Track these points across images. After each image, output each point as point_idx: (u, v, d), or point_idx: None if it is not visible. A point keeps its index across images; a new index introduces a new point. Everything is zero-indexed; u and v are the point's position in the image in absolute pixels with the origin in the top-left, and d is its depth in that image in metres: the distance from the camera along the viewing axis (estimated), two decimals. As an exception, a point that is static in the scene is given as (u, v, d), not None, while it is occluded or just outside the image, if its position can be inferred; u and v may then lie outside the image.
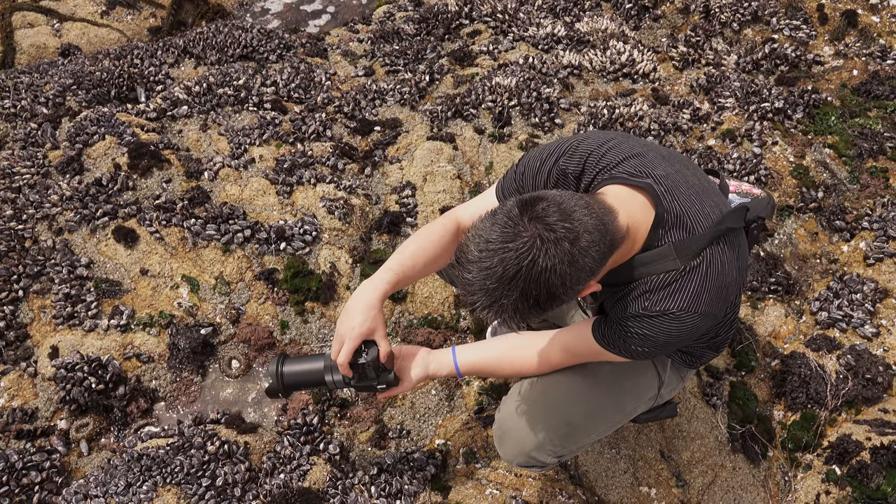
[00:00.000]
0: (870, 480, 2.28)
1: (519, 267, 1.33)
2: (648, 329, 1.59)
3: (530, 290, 1.35)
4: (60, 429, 2.45)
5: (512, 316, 1.39)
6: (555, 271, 1.33)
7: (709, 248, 1.57)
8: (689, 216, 1.59)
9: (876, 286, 2.87)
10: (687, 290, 1.55)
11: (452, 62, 4.02)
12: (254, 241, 2.89)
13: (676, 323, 1.56)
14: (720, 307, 1.61)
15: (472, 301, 1.41)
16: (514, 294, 1.35)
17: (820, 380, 2.61)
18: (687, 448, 2.52)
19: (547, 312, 1.43)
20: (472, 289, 1.39)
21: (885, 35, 4.10)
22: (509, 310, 1.38)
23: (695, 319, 1.56)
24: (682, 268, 1.55)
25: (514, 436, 1.91)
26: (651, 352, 1.66)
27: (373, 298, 1.78)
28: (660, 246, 1.57)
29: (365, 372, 1.81)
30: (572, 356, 1.86)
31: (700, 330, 1.62)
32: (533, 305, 1.37)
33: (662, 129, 3.52)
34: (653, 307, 1.56)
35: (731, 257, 1.62)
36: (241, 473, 2.27)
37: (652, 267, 1.57)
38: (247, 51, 3.95)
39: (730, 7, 4.21)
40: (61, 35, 4.70)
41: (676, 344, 1.65)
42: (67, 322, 2.64)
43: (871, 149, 3.44)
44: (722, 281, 1.59)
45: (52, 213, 2.87)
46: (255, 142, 3.30)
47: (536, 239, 1.33)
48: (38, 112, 3.38)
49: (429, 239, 1.91)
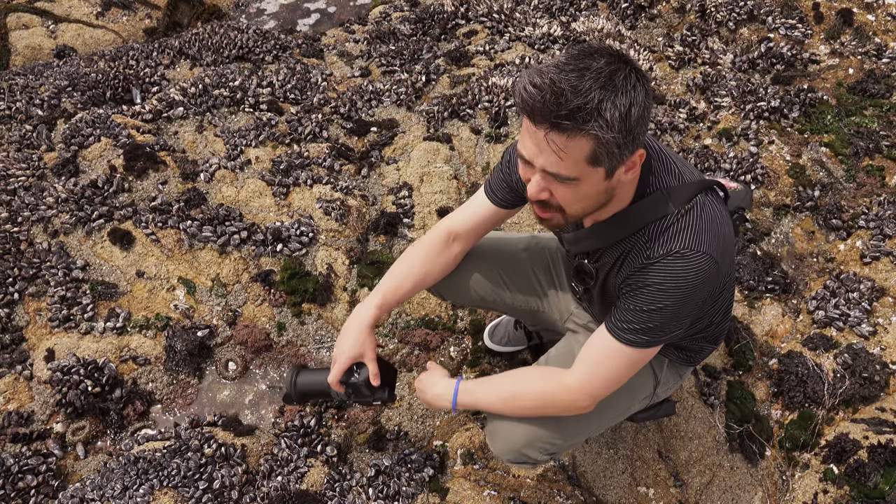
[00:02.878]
0: (867, 479, 2.28)
1: (618, 66, 1.36)
2: (656, 276, 1.55)
3: (623, 94, 1.35)
4: (56, 432, 2.44)
5: (598, 120, 1.34)
6: (643, 87, 1.38)
7: (700, 195, 1.59)
8: (677, 165, 1.63)
9: (872, 285, 2.87)
10: (686, 231, 1.55)
11: (449, 62, 4.02)
12: (250, 242, 2.89)
13: (682, 262, 1.53)
14: (720, 253, 1.57)
15: (556, 98, 1.33)
16: (608, 94, 1.34)
17: (817, 379, 2.61)
18: (685, 448, 2.52)
19: (621, 140, 1.38)
20: (562, 86, 1.33)
21: (881, 34, 4.10)
22: (602, 110, 1.33)
23: (700, 259, 1.53)
24: (676, 211, 1.56)
25: (504, 432, 1.90)
26: (668, 311, 1.58)
27: (363, 324, 1.91)
28: (652, 193, 1.59)
29: (359, 390, 1.94)
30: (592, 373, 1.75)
31: (708, 277, 1.56)
32: (620, 114, 1.34)
33: (659, 129, 3.52)
34: (655, 253, 1.55)
35: (721, 211, 1.63)
36: (239, 476, 2.27)
37: (648, 214, 1.58)
38: (243, 52, 3.95)
39: (726, 6, 4.22)
40: (56, 36, 4.69)
41: (689, 296, 1.57)
42: (63, 325, 2.63)
43: (867, 147, 3.45)
44: (717, 227, 1.58)
45: (48, 215, 2.86)
46: (252, 143, 3.30)
47: (623, 58, 1.39)
48: (34, 114, 3.37)
49: (417, 256, 2.00)
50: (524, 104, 1.38)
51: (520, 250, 2.19)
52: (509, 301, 2.21)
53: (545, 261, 2.19)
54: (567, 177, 1.44)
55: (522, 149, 1.48)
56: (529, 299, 2.21)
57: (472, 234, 2.04)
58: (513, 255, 2.18)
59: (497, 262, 2.17)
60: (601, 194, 1.52)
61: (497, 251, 2.17)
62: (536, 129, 1.39)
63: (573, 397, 1.74)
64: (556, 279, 2.19)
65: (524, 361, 2.72)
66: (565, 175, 1.43)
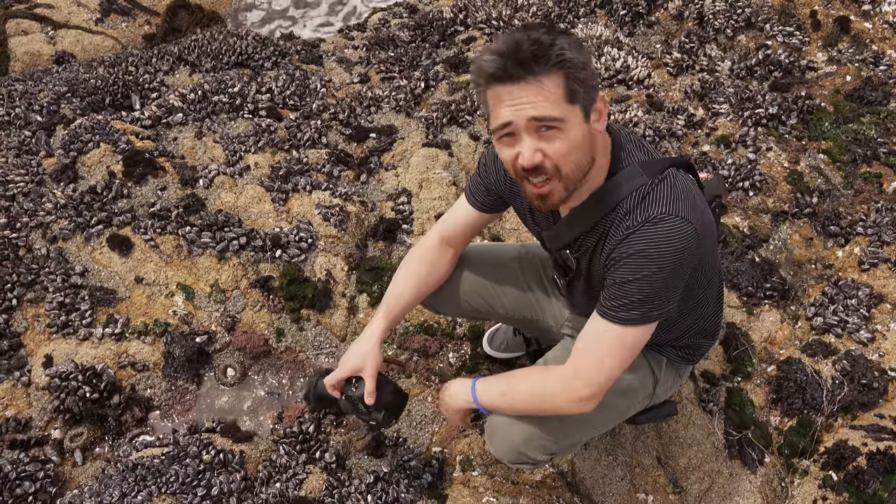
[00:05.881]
0: (866, 486, 2.28)
1: (550, 26, 1.52)
2: (638, 244, 1.56)
3: (567, 35, 1.49)
4: (54, 438, 2.43)
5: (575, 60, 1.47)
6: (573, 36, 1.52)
7: (671, 168, 1.64)
8: (646, 146, 1.69)
9: (871, 291, 2.88)
10: (662, 198, 1.58)
11: (448, 69, 4.03)
12: (249, 248, 2.89)
13: (661, 226, 1.55)
14: (699, 221, 1.59)
15: (535, 45, 1.45)
16: (572, 44, 1.48)
17: (816, 385, 2.61)
18: (684, 454, 2.52)
19: (591, 81, 1.52)
20: (536, 36, 1.47)
21: (878, 41, 4.12)
22: (574, 54, 1.46)
23: (680, 224, 1.55)
24: (650, 181, 1.60)
25: (503, 431, 1.90)
26: (655, 279, 1.57)
27: (370, 338, 1.96)
28: (624, 168, 1.63)
29: (356, 405, 1.95)
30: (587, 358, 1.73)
31: (690, 242, 1.56)
32: (585, 60, 1.49)
33: (657, 135, 3.53)
34: (635, 221, 1.57)
35: (695, 186, 1.68)
36: (237, 483, 2.26)
37: (623, 188, 1.61)
38: (242, 58, 3.95)
39: (723, 13, 4.23)
40: (56, 42, 4.70)
41: (673, 262, 1.56)
42: (62, 331, 2.62)
43: (864, 154, 3.46)
44: (693, 197, 1.62)
45: (47, 221, 2.86)
46: (251, 149, 3.30)
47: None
48: (33, 120, 3.37)
49: (414, 263, 2.05)
50: (492, 70, 1.48)
51: (510, 260, 2.20)
52: (502, 311, 2.22)
53: (536, 269, 2.19)
54: (553, 116, 1.48)
55: (499, 119, 1.52)
56: (522, 308, 2.21)
57: (461, 239, 2.07)
58: (503, 265, 2.19)
59: (488, 274, 2.17)
60: (586, 141, 1.55)
61: (487, 262, 2.18)
62: (511, 87, 1.47)
63: (570, 385, 1.69)
64: (547, 286, 2.19)
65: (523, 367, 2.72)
66: (550, 114, 1.48)
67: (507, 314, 2.23)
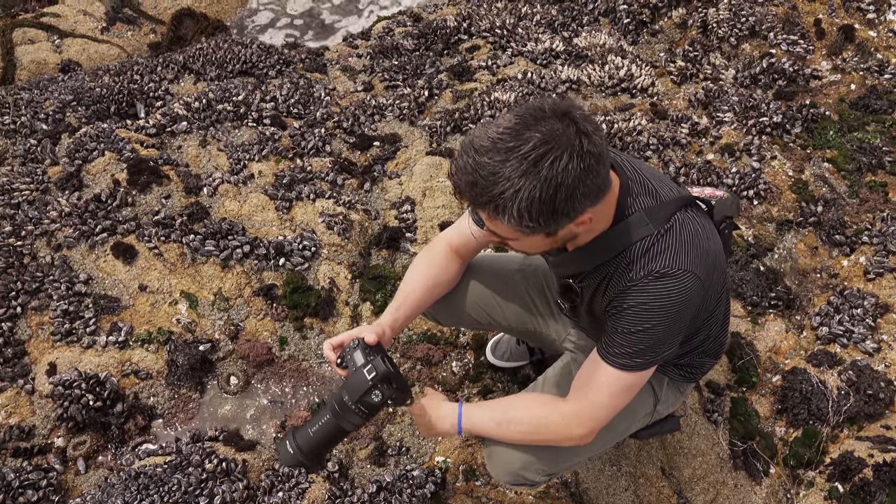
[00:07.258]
0: (872, 498, 2.26)
1: (548, 148, 1.32)
2: (639, 297, 1.55)
3: (546, 182, 1.33)
4: (57, 446, 2.44)
5: (514, 210, 1.35)
6: (575, 168, 1.33)
7: (678, 212, 1.59)
8: (653, 183, 1.63)
9: (877, 301, 2.86)
10: (667, 250, 1.55)
11: (451, 77, 4.04)
12: (253, 256, 2.89)
13: (663, 281, 1.53)
14: (705, 269, 1.57)
15: (472, 185, 1.37)
16: (529, 182, 1.32)
17: (821, 396, 2.60)
18: (688, 465, 2.51)
19: (542, 225, 1.39)
20: (483, 172, 1.35)
21: (883, 49, 4.12)
22: (518, 200, 1.34)
23: (683, 277, 1.53)
24: (655, 232, 1.56)
25: (501, 454, 1.89)
26: (656, 331, 1.57)
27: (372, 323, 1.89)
28: (630, 215, 1.58)
29: (352, 358, 1.72)
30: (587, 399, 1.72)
31: (693, 295, 1.55)
32: (540, 202, 1.34)
33: (661, 144, 3.53)
34: (637, 275, 1.55)
35: (704, 225, 1.63)
36: (240, 492, 2.25)
37: (627, 237, 1.58)
38: (246, 66, 3.97)
39: (727, 22, 4.23)
40: (61, 51, 4.72)
41: (675, 315, 1.56)
42: (65, 339, 2.63)
43: (869, 163, 3.45)
44: (699, 243, 1.58)
45: (51, 229, 2.86)
46: (255, 157, 3.31)
47: (571, 127, 1.34)
48: (38, 128, 3.39)
49: (421, 268, 2.00)
50: (452, 179, 1.45)
51: (513, 272, 2.18)
52: (504, 323, 2.20)
53: (539, 282, 2.17)
54: (505, 237, 1.48)
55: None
56: (525, 320, 2.20)
57: (469, 249, 2.04)
58: (506, 276, 2.17)
59: (491, 285, 2.16)
60: (554, 243, 1.54)
61: (490, 273, 2.17)
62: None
63: (569, 424, 1.71)
64: (550, 300, 2.18)
65: (526, 376, 2.71)
66: (503, 235, 1.49)
67: (509, 326, 2.21)
